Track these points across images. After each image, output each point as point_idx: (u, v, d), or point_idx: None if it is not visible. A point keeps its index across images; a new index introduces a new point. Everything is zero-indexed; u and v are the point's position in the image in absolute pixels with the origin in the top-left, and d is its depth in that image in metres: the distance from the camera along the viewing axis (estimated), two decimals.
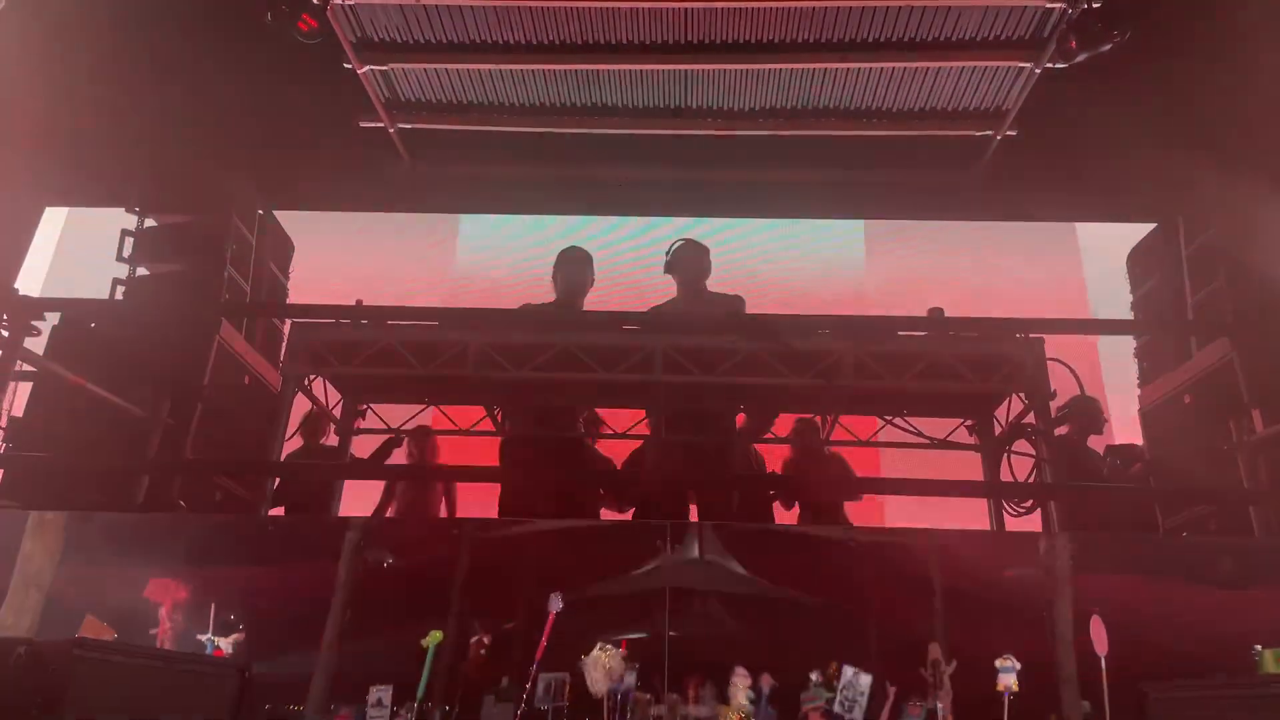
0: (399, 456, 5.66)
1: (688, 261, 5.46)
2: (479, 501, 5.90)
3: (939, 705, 3.38)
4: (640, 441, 5.48)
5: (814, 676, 3.50)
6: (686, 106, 6.23)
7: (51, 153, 5.07)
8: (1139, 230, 6.73)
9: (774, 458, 5.97)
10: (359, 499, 5.88)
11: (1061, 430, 5.42)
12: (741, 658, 3.51)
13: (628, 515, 5.29)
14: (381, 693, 3.45)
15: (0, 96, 4.94)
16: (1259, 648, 3.44)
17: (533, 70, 5.89)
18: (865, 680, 3.49)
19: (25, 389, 5.06)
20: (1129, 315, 6.80)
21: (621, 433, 5.79)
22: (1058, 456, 5.69)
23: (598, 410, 5.77)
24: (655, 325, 5.11)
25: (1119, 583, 3.79)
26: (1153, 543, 5.22)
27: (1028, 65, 5.55)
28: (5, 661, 2.71)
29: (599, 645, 3.45)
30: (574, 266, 5.43)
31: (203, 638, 3.56)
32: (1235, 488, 5.04)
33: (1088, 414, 5.85)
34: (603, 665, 3.38)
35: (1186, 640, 3.59)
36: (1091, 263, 8.89)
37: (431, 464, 5.90)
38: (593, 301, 5.60)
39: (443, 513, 5.81)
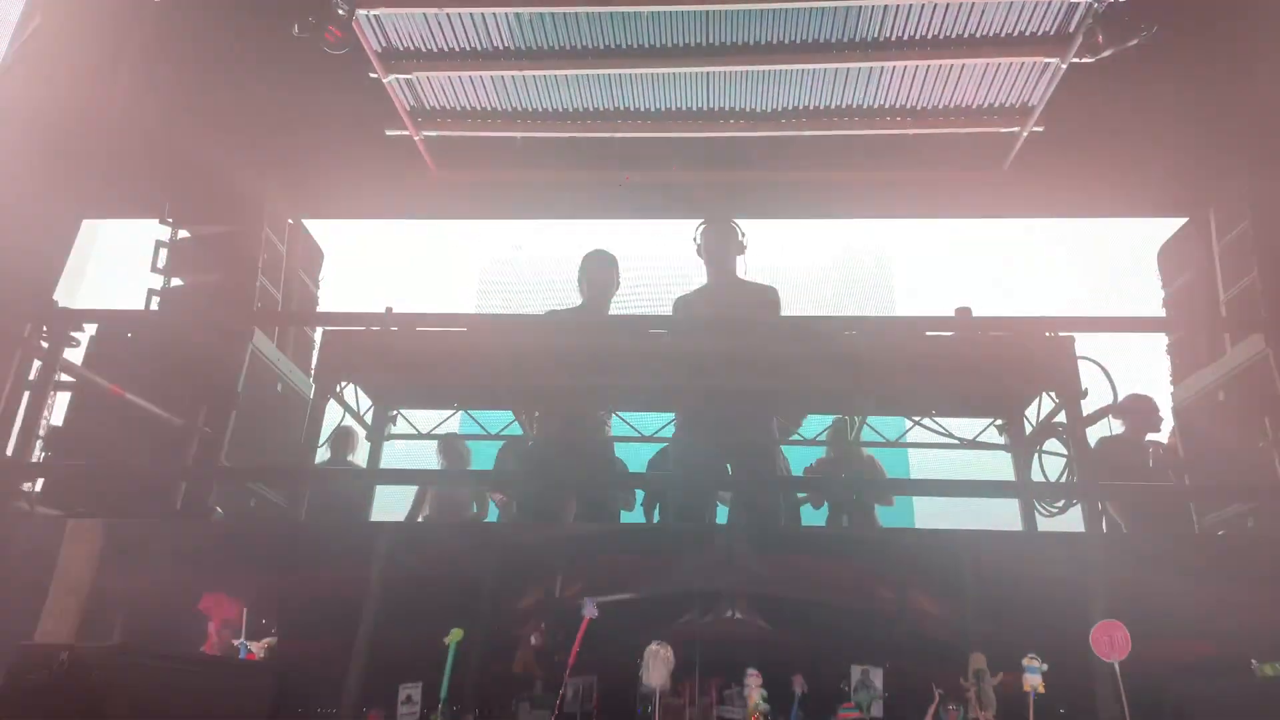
0: None
1: (714, 245, 5.41)
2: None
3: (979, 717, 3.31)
4: (668, 444, 5.49)
5: (856, 677, 3.46)
6: (711, 108, 6.22)
7: (89, 167, 5.19)
8: (1170, 225, 6.65)
9: (804, 459, 5.97)
10: (389, 507, 5.96)
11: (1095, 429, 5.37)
12: (771, 660, 3.49)
13: (655, 518, 5.31)
14: (411, 690, 3.48)
15: (37, 111, 5.06)
16: (1255, 662, 3.38)
17: (555, 75, 5.91)
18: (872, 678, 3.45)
19: (64, 398, 5.19)
20: (1160, 312, 6.72)
21: (649, 436, 5.81)
22: (1119, 453, 5.69)
23: (625, 413, 5.79)
24: (683, 330, 5.13)
25: (1152, 582, 3.74)
26: (1188, 541, 5.16)
27: (1054, 61, 5.48)
28: (48, 667, 2.78)
29: (655, 640, 3.42)
30: (600, 269, 5.45)
31: (236, 642, 3.62)
32: (1271, 485, 4.97)
33: (1144, 411, 5.84)
34: (662, 658, 3.36)
35: (1222, 640, 3.54)
36: (1122, 259, 8.79)
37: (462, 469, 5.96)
38: (618, 302, 5.64)
39: None
